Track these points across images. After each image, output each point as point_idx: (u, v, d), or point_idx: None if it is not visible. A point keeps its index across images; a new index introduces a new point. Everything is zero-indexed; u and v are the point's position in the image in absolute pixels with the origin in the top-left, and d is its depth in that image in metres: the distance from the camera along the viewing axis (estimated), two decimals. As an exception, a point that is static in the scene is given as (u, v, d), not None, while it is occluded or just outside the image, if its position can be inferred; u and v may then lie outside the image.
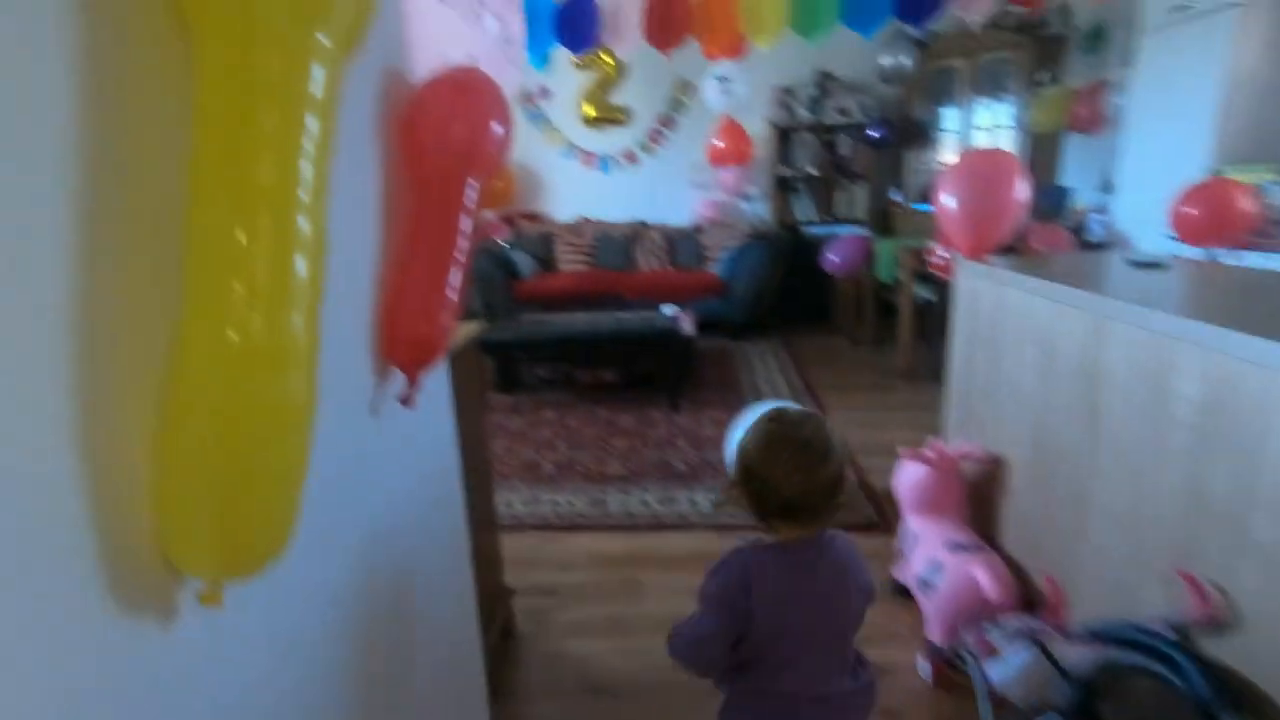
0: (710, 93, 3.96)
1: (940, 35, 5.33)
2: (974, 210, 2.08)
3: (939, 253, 3.46)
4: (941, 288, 3.83)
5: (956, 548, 1.74)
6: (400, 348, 0.99)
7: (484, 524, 1.75)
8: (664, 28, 3.06)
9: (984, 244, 2.11)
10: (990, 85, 5.16)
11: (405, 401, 1.03)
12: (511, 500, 2.72)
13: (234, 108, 0.54)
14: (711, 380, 4.21)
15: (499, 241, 5.61)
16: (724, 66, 3.89)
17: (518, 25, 1.55)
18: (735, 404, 3.72)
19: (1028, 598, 1.71)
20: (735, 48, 3.63)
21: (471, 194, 0.99)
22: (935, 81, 5.41)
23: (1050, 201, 4.91)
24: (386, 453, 1.03)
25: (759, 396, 3.88)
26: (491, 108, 0.97)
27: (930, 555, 1.78)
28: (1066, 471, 1.59)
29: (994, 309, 1.90)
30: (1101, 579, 1.49)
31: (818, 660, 1.03)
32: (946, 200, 2.12)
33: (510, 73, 1.58)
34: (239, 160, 0.54)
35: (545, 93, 5.08)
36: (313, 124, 0.58)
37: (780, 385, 4.08)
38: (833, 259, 4.64)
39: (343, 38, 0.61)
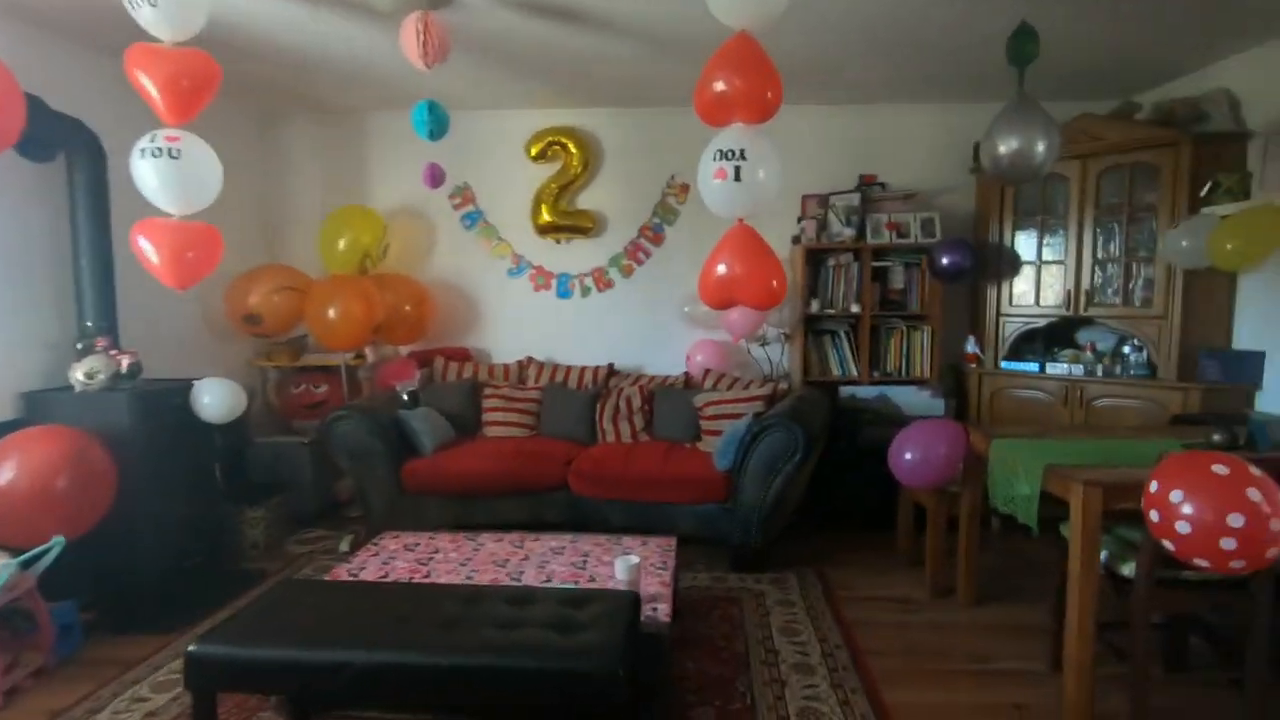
0: (707, 177, 2.08)
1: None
2: None
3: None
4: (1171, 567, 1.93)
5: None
6: None
7: None
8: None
9: None
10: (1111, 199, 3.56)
11: None
12: None
13: None
14: (696, 693, 2.29)
15: (399, 392, 3.85)
16: (733, 135, 2.14)
17: None
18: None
19: None
20: (756, 103, 1.94)
21: None
22: (1031, 192, 3.84)
23: (1229, 372, 3.19)
24: None
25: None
26: None
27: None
28: None
29: None
30: None
31: None
32: None
33: None
34: None
35: (441, 177, 3.40)
36: None
37: (825, 706, 2.15)
38: (907, 460, 2.84)
39: None
